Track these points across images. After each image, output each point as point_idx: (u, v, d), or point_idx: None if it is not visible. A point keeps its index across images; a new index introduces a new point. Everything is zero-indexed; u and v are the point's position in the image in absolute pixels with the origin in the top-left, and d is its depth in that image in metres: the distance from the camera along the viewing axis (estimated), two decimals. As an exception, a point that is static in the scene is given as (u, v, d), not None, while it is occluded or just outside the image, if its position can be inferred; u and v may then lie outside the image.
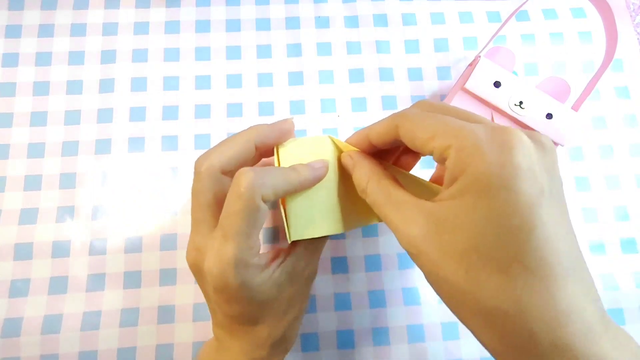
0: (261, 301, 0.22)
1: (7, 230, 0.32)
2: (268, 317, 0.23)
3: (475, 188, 0.15)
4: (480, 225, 0.15)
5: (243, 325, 0.22)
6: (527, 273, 0.15)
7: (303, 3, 0.38)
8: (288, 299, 0.23)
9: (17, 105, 0.34)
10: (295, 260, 0.23)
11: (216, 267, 0.20)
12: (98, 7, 0.37)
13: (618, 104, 0.36)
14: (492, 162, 0.15)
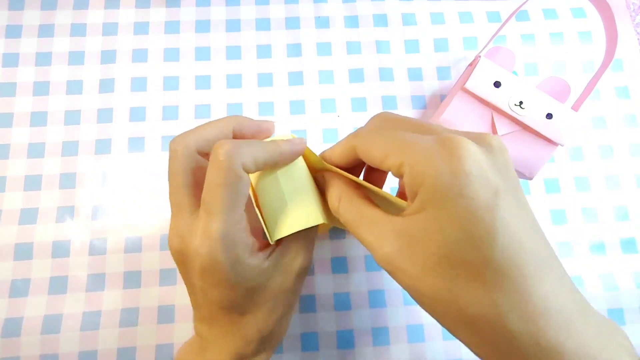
0: (249, 288, 0.21)
1: (7, 230, 0.32)
2: (256, 308, 0.22)
3: (434, 200, 0.16)
4: (445, 235, 0.15)
5: (230, 315, 0.21)
6: (498, 276, 0.15)
7: (303, 3, 0.38)
8: (277, 292, 0.22)
9: (17, 105, 0.34)
10: (284, 250, 0.22)
11: (204, 246, 0.19)
12: (98, 7, 0.37)
13: (618, 104, 0.36)
14: (444, 173, 0.15)
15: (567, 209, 0.34)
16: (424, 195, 0.16)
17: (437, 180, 0.15)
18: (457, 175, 0.15)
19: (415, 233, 0.16)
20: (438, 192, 0.15)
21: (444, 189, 0.15)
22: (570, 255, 0.33)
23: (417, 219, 0.16)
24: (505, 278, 0.15)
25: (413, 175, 0.16)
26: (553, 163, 0.35)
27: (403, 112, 0.36)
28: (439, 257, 0.16)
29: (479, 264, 0.15)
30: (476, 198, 0.15)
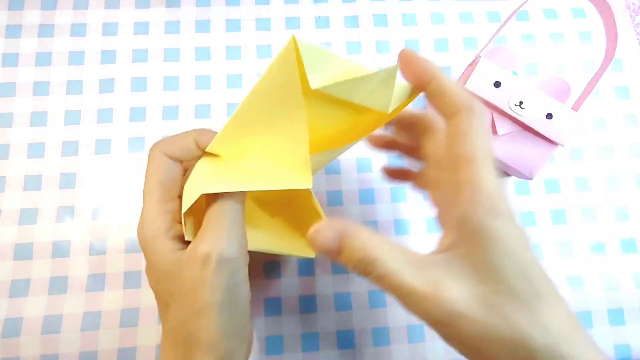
0: (166, 272, 0.20)
1: (7, 230, 0.32)
2: (172, 300, 0.20)
3: (483, 235, 0.16)
4: (500, 269, 0.16)
5: (162, 311, 0.21)
6: (550, 307, 0.16)
7: (303, 3, 0.38)
8: (187, 282, 0.19)
9: (17, 105, 0.34)
10: (197, 238, 0.20)
11: (138, 228, 0.21)
12: (98, 7, 0.37)
13: (618, 104, 0.36)
14: (488, 213, 0.17)
15: (567, 209, 0.34)
16: (470, 228, 0.17)
17: (483, 219, 0.16)
18: (501, 217, 0.17)
19: (469, 271, 0.16)
20: (486, 228, 0.16)
21: (492, 226, 0.16)
22: (570, 255, 0.33)
23: (468, 253, 0.17)
24: (552, 306, 0.16)
25: (458, 213, 0.17)
26: (553, 163, 0.35)
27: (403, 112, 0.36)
28: (494, 293, 0.16)
29: (532, 295, 0.16)
30: (517, 236, 0.17)
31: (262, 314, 0.31)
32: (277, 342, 0.30)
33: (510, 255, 0.16)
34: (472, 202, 0.17)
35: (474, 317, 0.16)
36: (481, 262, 0.16)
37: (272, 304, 0.31)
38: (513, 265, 0.16)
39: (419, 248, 0.18)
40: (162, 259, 0.20)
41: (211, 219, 0.20)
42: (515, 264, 0.16)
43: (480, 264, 0.16)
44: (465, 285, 0.16)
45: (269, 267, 0.32)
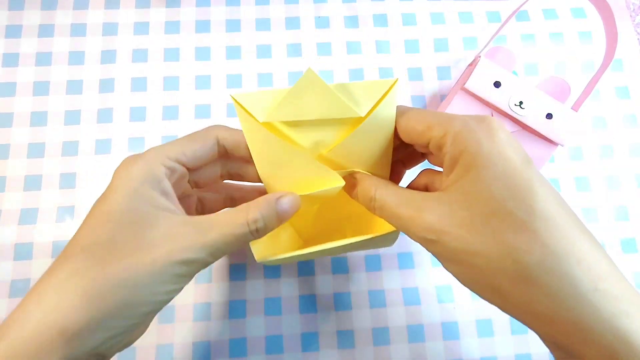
0: (131, 219, 0.18)
1: (7, 230, 0.32)
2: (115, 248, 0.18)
3: (477, 163, 0.17)
4: (491, 192, 0.17)
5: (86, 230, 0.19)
6: (546, 224, 0.16)
7: (303, 3, 0.38)
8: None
9: (17, 105, 0.34)
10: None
11: (129, 158, 0.20)
12: (98, 7, 0.37)
13: (618, 104, 0.36)
14: (485, 139, 0.18)
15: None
16: (467, 160, 0.18)
17: (479, 146, 0.17)
18: (496, 142, 0.17)
19: (458, 198, 0.18)
20: (480, 155, 0.17)
21: (485, 152, 0.17)
22: (570, 255, 0.33)
23: (460, 186, 0.18)
24: (552, 225, 0.16)
25: (456, 144, 0.18)
26: (553, 163, 0.35)
27: (403, 112, 0.36)
28: (486, 214, 0.17)
29: (525, 214, 0.16)
30: (514, 159, 0.17)
31: (262, 313, 0.31)
32: (277, 342, 0.30)
33: (500, 178, 0.17)
34: (467, 136, 0.18)
35: (457, 233, 0.17)
36: (470, 188, 0.17)
37: (272, 304, 0.31)
38: (503, 187, 0.17)
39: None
40: (135, 204, 0.18)
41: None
42: (506, 185, 0.17)
43: (469, 190, 0.17)
44: (449, 209, 0.18)
45: (269, 267, 0.32)
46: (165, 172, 0.20)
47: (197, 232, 0.18)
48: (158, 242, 0.18)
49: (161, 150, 0.20)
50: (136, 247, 0.17)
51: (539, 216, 0.16)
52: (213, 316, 0.31)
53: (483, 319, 0.31)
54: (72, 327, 0.16)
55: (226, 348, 0.30)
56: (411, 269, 0.32)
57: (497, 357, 0.31)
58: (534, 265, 0.16)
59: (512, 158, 0.17)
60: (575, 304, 0.15)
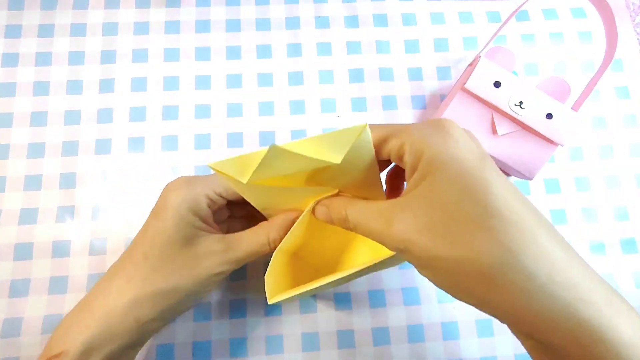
0: (169, 237, 0.23)
1: (7, 230, 0.32)
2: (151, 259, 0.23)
3: (432, 168, 0.18)
4: (446, 196, 0.17)
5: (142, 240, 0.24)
6: (501, 222, 0.16)
7: (303, 3, 0.38)
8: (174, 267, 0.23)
9: (17, 105, 0.34)
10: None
11: (183, 179, 0.24)
12: (98, 7, 0.37)
13: (618, 104, 0.36)
14: (438, 144, 0.18)
15: (567, 209, 0.34)
16: (423, 166, 0.18)
17: (433, 150, 0.18)
18: (449, 144, 0.18)
19: (419, 204, 0.18)
20: (435, 159, 0.18)
21: (439, 156, 0.18)
22: (570, 255, 0.33)
23: (419, 191, 0.18)
24: (507, 222, 0.16)
25: (413, 152, 0.19)
26: (553, 163, 0.35)
27: (403, 112, 0.36)
28: (444, 218, 0.17)
29: (480, 214, 0.16)
30: (467, 159, 0.17)
31: (262, 314, 0.31)
32: (277, 342, 0.30)
33: (454, 180, 0.17)
34: (422, 142, 0.18)
35: (421, 241, 0.17)
36: (427, 194, 0.18)
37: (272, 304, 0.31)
38: (458, 190, 0.17)
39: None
40: (179, 227, 0.23)
41: None
42: (460, 187, 0.17)
43: (426, 196, 0.18)
44: (411, 217, 0.18)
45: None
46: (207, 202, 0.24)
47: (229, 249, 0.24)
48: (201, 259, 0.23)
49: (210, 183, 0.24)
50: (185, 262, 0.23)
51: (494, 215, 0.16)
52: (213, 316, 0.31)
53: (483, 319, 0.31)
54: (144, 318, 0.22)
55: (226, 348, 0.30)
56: (411, 269, 0.32)
57: (497, 357, 0.31)
58: (492, 265, 0.16)
59: (466, 158, 0.17)
60: (535, 297, 0.16)
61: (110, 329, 0.22)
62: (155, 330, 0.24)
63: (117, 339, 0.22)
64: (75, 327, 0.22)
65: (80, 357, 0.21)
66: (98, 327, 0.22)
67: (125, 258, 0.24)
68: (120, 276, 0.23)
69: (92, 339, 0.21)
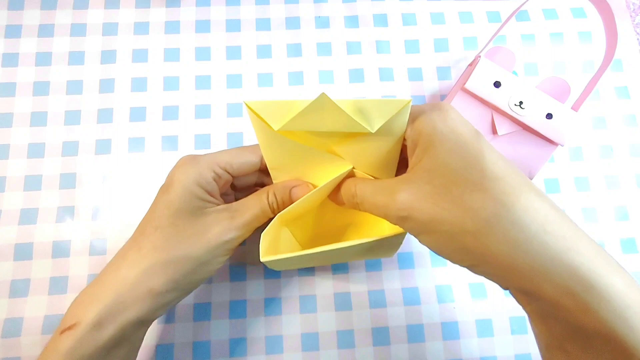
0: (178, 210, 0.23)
1: (7, 230, 0.32)
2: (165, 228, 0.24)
3: (433, 142, 0.20)
4: (446, 164, 0.19)
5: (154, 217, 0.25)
6: (496, 182, 0.18)
7: (303, 3, 0.38)
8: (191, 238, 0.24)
9: (17, 105, 0.34)
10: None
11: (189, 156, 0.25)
12: (98, 7, 0.37)
13: (618, 104, 0.36)
14: (437, 120, 0.20)
15: (567, 209, 0.34)
16: (424, 141, 0.20)
17: (434, 127, 0.20)
18: (447, 121, 0.20)
19: (421, 175, 0.20)
20: (435, 134, 0.20)
21: (439, 132, 0.20)
22: (570, 255, 0.33)
23: (422, 164, 0.20)
24: (502, 183, 0.18)
25: (414, 129, 0.21)
26: (553, 163, 0.35)
27: (403, 112, 0.36)
28: (445, 184, 0.19)
29: (477, 177, 0.18)
30: (464, 133, 0.20)
31: (262, 313, 0.31)
32: (277, 342, 0.30)
33: (454, 150, 0.19)
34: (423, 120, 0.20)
35: (424, 207, 0.19)
36: (430, 165, 0.20)
37: (272, 304, 0.31)
38: (457, 158, 0.19)
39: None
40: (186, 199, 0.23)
41: None
42: (459, 156, 0.19)
43: (429, 167, 0.20)
44: (415, 187, 0.20)
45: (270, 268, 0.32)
46: (213, 176, 0.24)
47: (235, 215, 0.24)
48: (209, 226, 0.24)
49: (214, 158, 0.25)
50: (195, 231, 0.23)
51: (489, 177, 0.18)
52: (213, 316, 0.31)
53: (483, 319, 0.31)
54: (157, 287, 0.22)
55: (226, 348, 0.30)
56: (411, 269, 0.32)
57: (497, 357, 0.31)
58: (488, 218, 0.18)
59: (463, 132, 0.20)
60: (528, 247, 0.17)
61: (124, 299, 0.22)
62: (170, 302, 0.24)
63: (130, 309, 0.22)
64: (88, 300, 0.22)
65: (93, 327, 0.21)
66: (111, 298, 0.22)
67: (136, 233, 0.24)
68: (132, 249, 0.23)
69: (105, 310, 0.22)
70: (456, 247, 0.19)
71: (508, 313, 0.31)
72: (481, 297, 0.32)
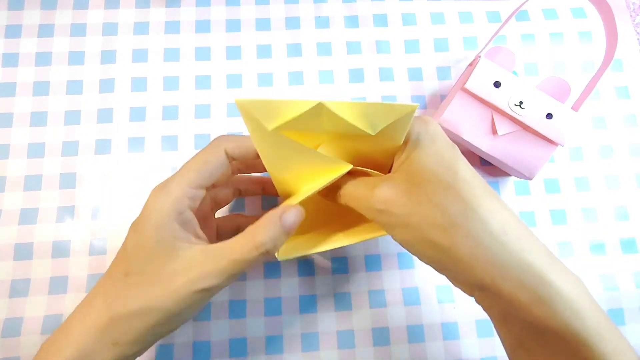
0: (150, 247, 0.21)
1: (7, 230, 0.32)
2: (139, 272, 0.21)
3: (416, 148, 0.21)
4: (424, 166, 0.21)
5: (120, 261, 0.23)
6: (466, 185, 0.20)
7: (303, 3, 0.38)
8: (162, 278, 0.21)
9: (17, 105, 0.34)
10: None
11: (157, 187, 0.23)
12: (98, 7, 0.37)
13: (618, 104, 0.36)
14: (422, 131, 0.22)
15: (567, 209, 0.34)
16: (408, 147, 0.22)
17: (417, 135, 0.22)
18: (429, 132, 0.22)
19: (401, 175, 0.22)
20: (418, 142, 0.21)
21: (422, 139, 0.21)
22: (570, 255, 0.33)
23: (403, 166, 0.22)
24: (470, 186, 0.20)
25: None
26: (553, 163, 0.35)
27: (403, 112, 0.36)
28: (421, 181, 0.21)
29: (451, 178, 0.20)
30: (442, 142, 0.22)
31: (262, 314, 0.31)
32: (277, 342, 0.30)
33: (432, 155, 0.21)
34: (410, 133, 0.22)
35: (400, 201, 0.21)
36: (409, 167, 0.21)
37: (272, 304, 0.31)
38: (434, 161, 0.21)
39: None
40: (158, 238, 0.21)
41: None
42: (436, 160, 0.21)
43: (409, 168, 0.21)
44: (395, 183, 0.21)
45: (269, 267, 0.32)
46: (188, 204, 0.22)
47: (212, 260, 0.21)
48: (179, 272, 0.21)
49: (182, 181, 0.22)
50: (162, 278, 0.21)
51: (461, 179, 0.20)
52: (213, 316, 0.31)
53: (483, 319, 0.31)
54: (122, 340, 0.21)
55: (226, 348, 0.30)
56: (411, 269, 0.32)
57: (497, 357, 0.31)
58: (456, 215, 0.20)
59: (441, 141, 0.22)
60: (490, 244, 0.19)
61: (87, 352, 0.20)
62: (136, 354, 0.22)
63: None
64: (53, 350, 0.21)
65: None
66: (75, 349, 0.20)
67: (106, 275, 0.22)
68: (98, 295, 0.22)
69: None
70: (425, 240, 0.20)
71: (508, 313, 0.31)
72: (481, 297, 0.32)
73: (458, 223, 0.19)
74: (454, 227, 0.20)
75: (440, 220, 0.20)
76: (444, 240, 0.20)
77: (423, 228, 0.20)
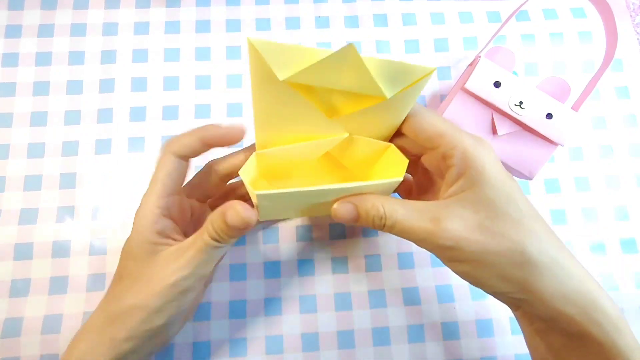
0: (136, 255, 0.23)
1: (7, 230, 0.32)
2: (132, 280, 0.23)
3: (481, 178, 0.21)
4: (491, 199, 0.21)
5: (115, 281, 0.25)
6: (530, 220, 0.21)
7: (303, 3, 0.38)
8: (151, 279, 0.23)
9: (17, 105, 0.34)
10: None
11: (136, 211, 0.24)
12: (98, 7, 0.37)
13: (618, 104, 0.36)
14: (488, 159, 0.22)
15: (567, 209, 0.34)
16: (473, 175, 0.21)
17: (483, 163, 0.21)
18: (492, 162, 0.22)
19: (467, 205, 0.21)
20: (484, 171, 0.21)
21: (487, 169, 0.21)
22: (570, 255, 0.33)
23: (466, 195, 0.21)
24: (532, 220, 0.21)
25: (464, 160, 0.21)
26: (553, 163, 0.35)
27: (403, 112, 0.36)
28: (491, 217, 0.21)
29: (517, 214, 0.21)
30: (502, 174, 0.22)
31: (262, 313, 0.31)
32: (277, 342, 0.30)
33: (499, 187, 0.21)
34: (473, 155, 0.21)
35: (473, 238, 0.21)
36: (476, 198, 0.21)
37: (272, 304, 0.31)
38: (502, 195, 0.21)
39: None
40: (139, 245, 0.23)
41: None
42: (503, 193, 0.21)
43: (476, 199, 0.21)
44: (463, 217, 0.21)
45: (269, 267, 0.32)
46: (159, 212, 0.23)
47: (182, 254, 0.23)
48: (156, 271, 0.23)
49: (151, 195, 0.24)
50: (144, 278, 0.23)
51: (526, 215, 0.21)
52: (213, 316, 0.31)
53: (483, 319, 0.31)
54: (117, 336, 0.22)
55: (226, 348, 0.30)
56: (411, 269, 0.32)
57: (497, 357, 0.31)
58: (532, 252, 0.20)
59: (502, 173, 0.22)
60: (559, 276, 0.20)
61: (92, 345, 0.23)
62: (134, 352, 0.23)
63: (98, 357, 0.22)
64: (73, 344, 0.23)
65: None
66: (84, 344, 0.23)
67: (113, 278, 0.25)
68: (105, 296, 0.24)
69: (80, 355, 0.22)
70: (500, 276, 0.21)
71: (508, 313, 0.31)
72: (481, 297, 0.32)
73: (535, 260, 0.20)
74: (531, 265, 0.20)
75: (519, 258, 0.20)
76: (519, 277, 0.21)
77: (497, 265, 0.21)
